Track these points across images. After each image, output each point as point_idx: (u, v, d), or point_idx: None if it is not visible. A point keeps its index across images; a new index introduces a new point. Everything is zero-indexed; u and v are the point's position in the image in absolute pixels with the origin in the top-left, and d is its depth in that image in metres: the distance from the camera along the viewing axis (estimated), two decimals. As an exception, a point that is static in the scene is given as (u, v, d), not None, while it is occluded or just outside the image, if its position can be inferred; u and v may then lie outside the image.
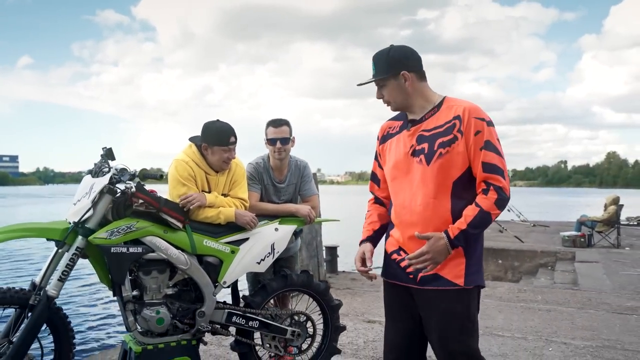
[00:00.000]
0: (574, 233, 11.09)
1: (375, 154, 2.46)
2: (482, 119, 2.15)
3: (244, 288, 3.79)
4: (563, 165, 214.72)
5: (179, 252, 3.02)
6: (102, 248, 2.83)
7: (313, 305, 3.58)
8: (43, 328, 2.83)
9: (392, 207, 2.35)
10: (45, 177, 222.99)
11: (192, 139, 3.32)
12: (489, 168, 2.12)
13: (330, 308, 3.55)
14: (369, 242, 2.41)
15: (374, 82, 2.26)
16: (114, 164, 3.00)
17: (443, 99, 2.25)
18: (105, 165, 2.99)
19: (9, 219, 20.95)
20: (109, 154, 3.00)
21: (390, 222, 2.37)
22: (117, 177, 2.92)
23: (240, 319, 3.26)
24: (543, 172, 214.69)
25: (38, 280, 2.82)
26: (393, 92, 2.24)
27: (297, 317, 3.47)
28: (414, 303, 2.27)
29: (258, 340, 3.40)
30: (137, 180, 2.96)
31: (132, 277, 2.99)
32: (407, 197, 2.23)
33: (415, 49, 2.26)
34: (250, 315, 3.28)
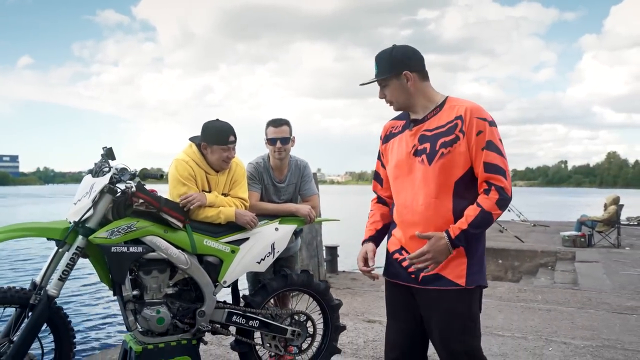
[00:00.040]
0: (574, 233, 11.09)
1: (378, 154, 2.46)
2: (484, 119, 2.14)
3: (244, 288, 3.80)
4: (563, 165, 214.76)
5: (179, 251, 3.03)
6: (102, 247, 2.84)
7: (313, 305, 3.58)
8: (43, 327, 2.83)
9: (394, 206, 2.35)
10: (46, 177, 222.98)
11: (192, 139, 3.33)
12: (491, 168, 2.11)
13: (331, 308, 3.55)
14: (372, 241, 2.41)
15: (377, 81, 2.26)
16: (115, 164, 3.00)
17: (445, 99, 2.24)
18: (106, 165, 2.99)
19: (10, 219, 20.94)
20: (109, 154, 3.00)
21: (393, 221, 2.37)
22: (117, 176, 2.92)
23: (241, 319, 3.26)
24: (543, 172, 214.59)
25: (38, 280, 2.83)
26: (395, 92, 2.24)
27: (297, 316, 3.47)
28: (416, 303, 2.27)
29: (258, 340, 3.41)
30: (137, 180, 2.96)
31: (132, 276, 2.99)
32: (408, 196, 2.23)
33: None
34: (251, 315, 3.29)
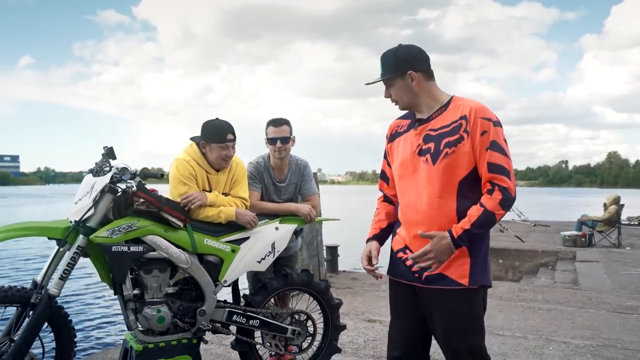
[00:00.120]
0: (575, 233, 11.09)
1: (384, 153, 2.46)
2: (488, 119, 2.14)
3: (245, 287, 3.80)
4: (564, 165, 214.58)
5: (180, 251, 3.03)
6: (103, 247, 2.84)
7: (313, 305, 3.59)
8: (44, 327, 2.83)
9: (399, 205, 2.36)
10: (46, 177, 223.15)
11: (193, 139, 3.33)
12: (495, 168, 2.11)
13: (331, 307, 3.55)
14: (376, 240, 2.42)
15: (382, 81, 2.26)
16: (115, 163, 3.00)
17: (451, 99, 2.25)
18: (107, 165, 2.99)
19: (10, 219, 20.98)
20: (110, 153, 3.01)
21: (398, 220, 2.38)
22: (118, 176, 2.92)
23: (241, 318, 3.26)
24: (544, 172, 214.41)
25: (39, 279, 2.83)
26: (400, 91, 2.24)
27: (297, 316, 3.48)
28: (419, 302, 2.28)
29: (259, 339, 3.41)
30: (138, 180, 2.96)
31: (133, 276, 3.00)
32: (412, 196, 2.24)
33: (420, 49, 2.27)
34: (251, 314, 3.29)
